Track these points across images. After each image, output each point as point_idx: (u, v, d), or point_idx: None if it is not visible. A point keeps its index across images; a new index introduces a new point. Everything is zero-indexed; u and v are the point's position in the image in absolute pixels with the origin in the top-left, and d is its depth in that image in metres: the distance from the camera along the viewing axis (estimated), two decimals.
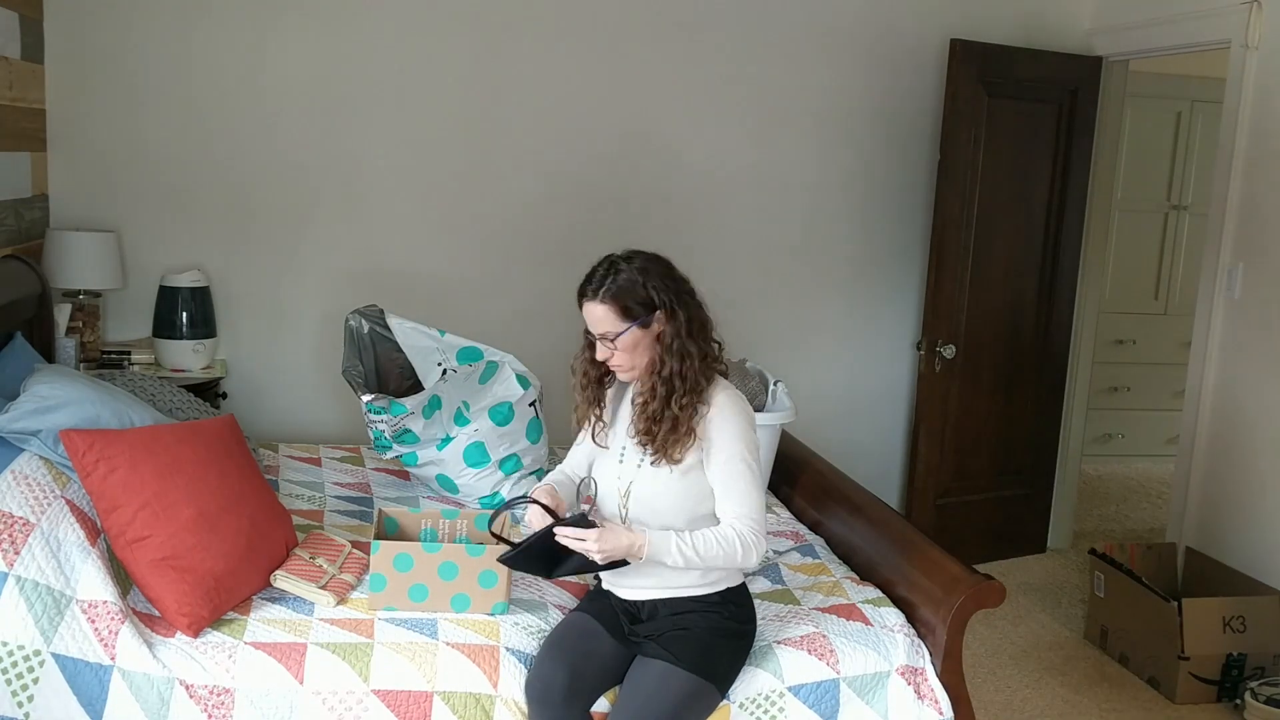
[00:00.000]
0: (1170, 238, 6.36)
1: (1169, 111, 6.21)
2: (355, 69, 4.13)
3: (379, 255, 4.25)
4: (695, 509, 2.43)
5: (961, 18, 4.61)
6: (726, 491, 2.40)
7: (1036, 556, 4.97)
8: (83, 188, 3.99)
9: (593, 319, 2.40)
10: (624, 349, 2.39)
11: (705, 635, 2.40)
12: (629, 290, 2.36)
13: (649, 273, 2.38)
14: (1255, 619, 3.68)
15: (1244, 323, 4.03)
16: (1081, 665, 3.95)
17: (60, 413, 2.58)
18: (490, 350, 3.51)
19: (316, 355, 4.21)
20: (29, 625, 2.27)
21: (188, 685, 2.29)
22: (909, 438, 4.85)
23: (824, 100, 4.59)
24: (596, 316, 2.39)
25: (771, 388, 3.52)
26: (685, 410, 2.38)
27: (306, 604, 2.54)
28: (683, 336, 2.38)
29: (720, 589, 2.46)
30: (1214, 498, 4.13)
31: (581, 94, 4.34)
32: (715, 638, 2.41)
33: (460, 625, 2.48)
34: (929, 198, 4.66)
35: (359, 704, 2.32)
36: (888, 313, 4.82)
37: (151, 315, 3.94)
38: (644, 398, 2.43)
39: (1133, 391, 6.38)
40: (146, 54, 3.97)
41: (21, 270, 3.35)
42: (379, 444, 3.38)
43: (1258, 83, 3.99)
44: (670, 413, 2.38)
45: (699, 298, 2.46)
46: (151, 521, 2.44)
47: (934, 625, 2.58)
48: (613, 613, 2.49)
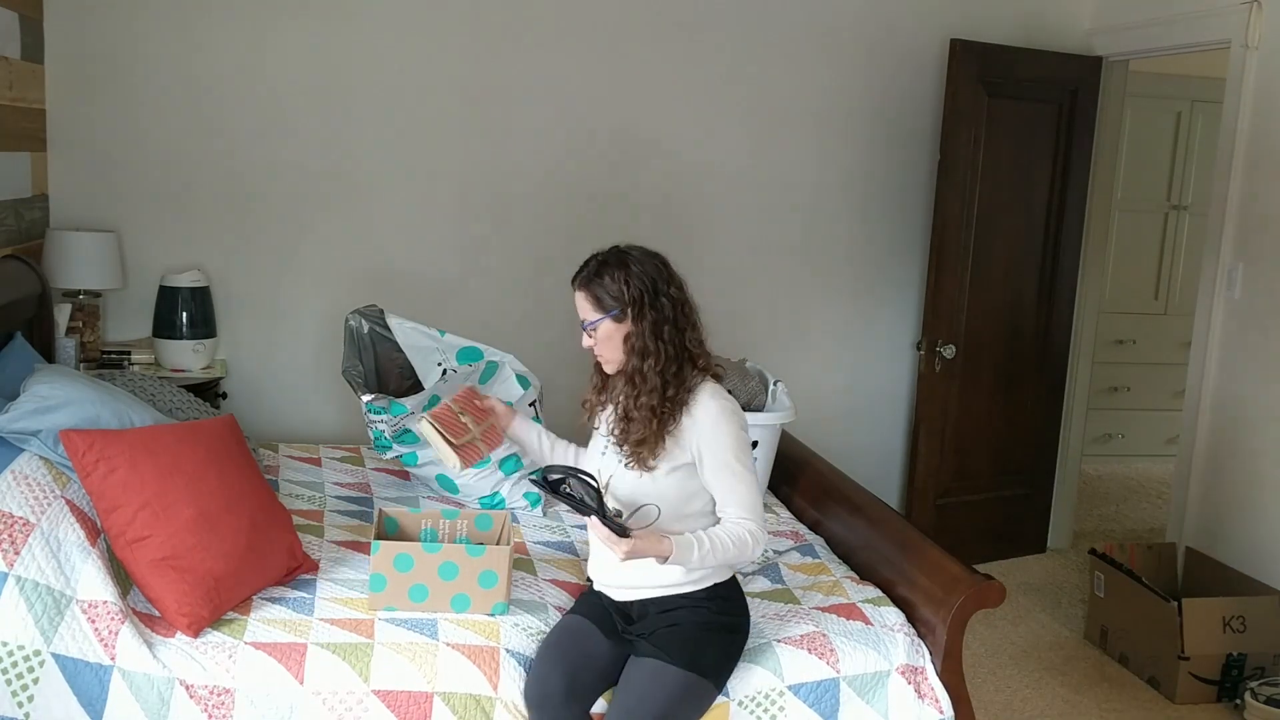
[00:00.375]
0: (1170, 238, 6.36)
1: (1169, 111, 6.21)
2: (356, 69, 4.13)
3: (379, 255, 4.25)
4: (682, 508, 2.43)
5: (961, 18, 4.61)
6: (726, 495, 2.40)
7: (1036, 556, 4.97)
8: (83, 188, 3.99)
9: (578, 305, 2.46)
10: (600, 339, 2.44)
11: (696, 631, 2.41)
12: (604, 282, 2.40)
13: (631, 268, 2.40)
14: (1255, 619, 3.68)
15: (1244, 323, 4.03)
16: (1081, 665, 3.95)
17: (60, 413, 2.58)
18: (490, 350, 3.51)
19: (316, 355, 4.21)
20: (29, 625, 2.27)
21: (188, 685, 2.29)
22: (909, 438, 4.85)
23: (824, 100, 4.59)
24: (579, 303, 2.45)
25: (771, 388, 3.52)
26: (644, 412, 2.38)
27: (307, 604, 2.54)
28: (645, 337, 2.39)
29: (708, 585, 2.46)
30: (1214, 498, 4.13)
31: (581, 94, 4.34)
32: (706, 632, 2.41)
33: (460, 626, 2.48)
34: (929, 198, 4.66)
35: (359, 704, 2.32)
36: (888, 313, 4.82)
37: (151, 315, 3.94)
38: (617, 396, 2.46)
39: (1133, 391, 6.38)
40: (147, 54, 3.97)
41: (21, 270, 3.35)
42: (379, 444, 3.38)
43: (1258, 83, 3.99)
44: (633, 413, 2.39)
45: (686, 300, 2.46)
46: (151, 521, 2.44)
47: (934, 625, 2.58)
48: (606, 614, 2.50)
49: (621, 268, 2.40)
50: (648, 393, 2.38)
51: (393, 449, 3.35)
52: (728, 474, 2.39)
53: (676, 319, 2.42)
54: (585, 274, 2.44)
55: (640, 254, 2.44)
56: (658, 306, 2.40)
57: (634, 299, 2.38)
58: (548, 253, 4.32)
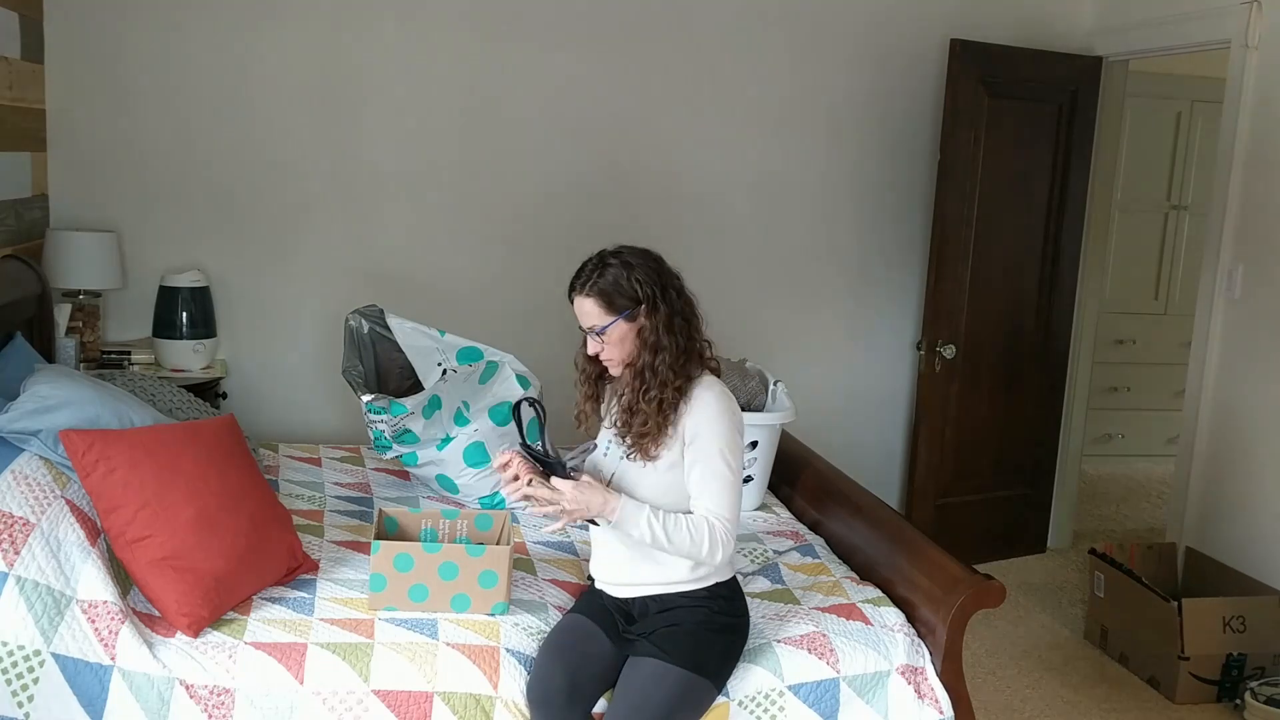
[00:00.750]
0: (1170, 238, 6.36)
1: (1169, 111, 6.21)
2: (356, 68, 4.13)
3: (379, 255, 4.25)
4: (680, 505, 2.42)
5: (961, 18, 4.61)
6: (701, 489, 2.38)
7: (1036, 556, 4.97)
8: (83, 188, 3.99)
9: (581, 313, 2.42)
10: (612, 342, 2.41)
11: (695, 630, 2.40)
12: (614, 283, 2.38)
13: (634, 266, 2.39)
14: (1255, 619, 3.68)
15: (1244, 323, 4.03)
16: (1081, 665, 3.95)
17: (60, 413, 2.58)
18: (490, 350, 3.51)
19: (316, 355, 4.21)
20: (29, 625, 2.27)
21: (188, 685, 2.29)
22: (909, 438, 4.85)
23: (824, 100, 4.59)
24: (585, 310, 2.40)
25: (771, 388, 3.52)
26: (652, 404, 2.37)
27: (307, 604, 2.54)
28: (659, 331, 2.38)
29: (709, 584, 2.46)
30: (1214, 498, 4.13)
31: (579, 94, 4.34)
32: (706, 632, 2.41)
33: (460, 625, 2.48)
34: (929, 198, 4.66)
35: (359, 704, 2.31)
36: (888, 313, 4.82)
37: (151, 315, 3.94)
38: (622, 391, 2.45)
39: (1133, 391, 6.38)
40: (147, 54, 3.97)
41: (21, 270, 3.35)
42: (379, 444, 3.37)
43: (1258, 83, 3.99)
44: (640, 406, 2.38)
45: (687, 294, 2.46)
46: (151, 521, 2.44)
47: (934, 625, 2.58)
48: (607, 612, 2.49)
49: (625, 268, 2.38)
50: (657, 386, 2.37)
51: (393, 449, 3.35)
52: (708, 468, 2.37)
53: (685, 312, 2.43)
54: (588, 279, 2.39)
55: (633, 253, 2.43)
56: (668, 300, 2.40)
57: (647, 296, 2.37)
58: (548, 252, 4.31)
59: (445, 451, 3.28)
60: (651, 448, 2.39)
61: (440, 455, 3.29)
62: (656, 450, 2.39)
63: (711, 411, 2.40)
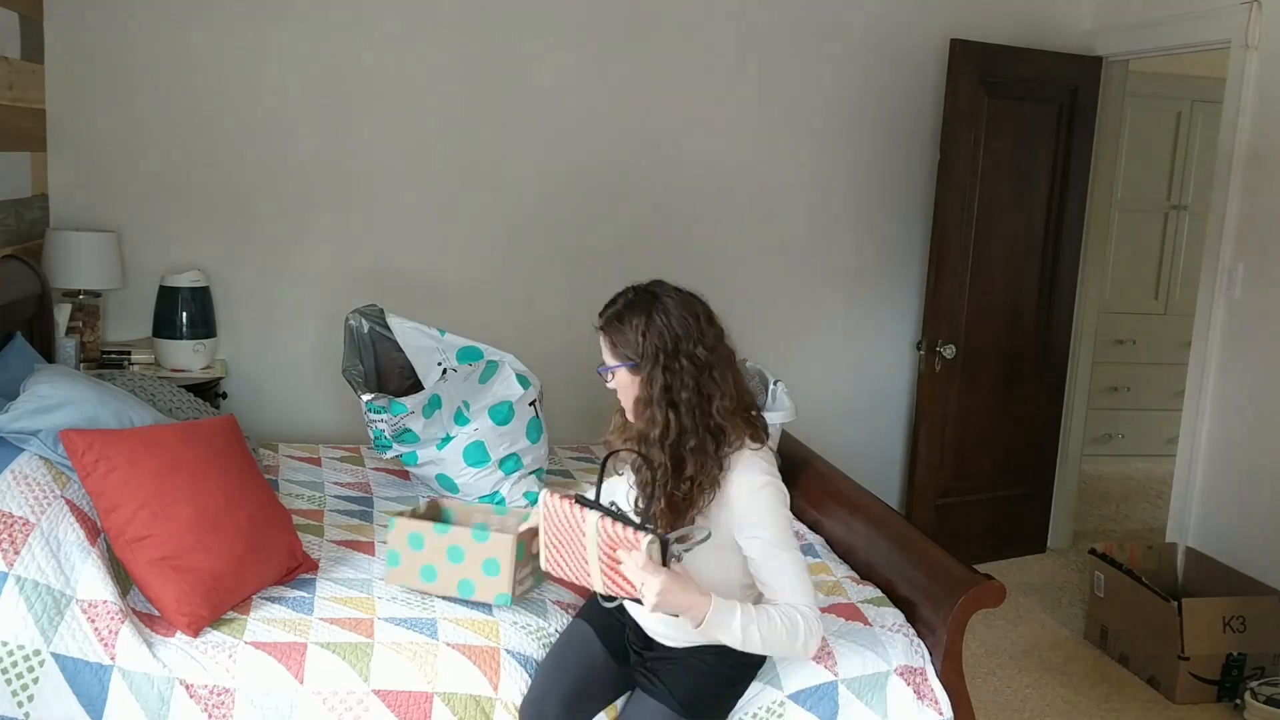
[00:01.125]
0: (1170, 238, 6.36)
1: (1169, 111, 6.21)
2: (356, 69, 4.13)
3: (379, 255, 4.25)
4: (703, 579, 2.09)
5: (961, 18, 4.61)
6: (775, 586, 2.13)
7: (1036, 556, 4.97)
8: (83, 188, 3.99)
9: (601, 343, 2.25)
10: (619, 385, 2.22)
11: (709, 679, 2.29)
12: (621, 330, 2.17)
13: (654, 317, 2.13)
14: (1255, 619, 3.67)
15: (1244, 323, 4.03)
16: (1081, 665, 3.95)
17: (60, 413, 2.58)
18: (490, 350, 3.51)
19: (316, 355, 4.21)
20: (29, 625, 2.27)
21: (188, 685, 2.29)
22: (909, 438, 4.85)
23: (824, 100, 4.59)
24: (601, 342, 2.24)
25: (771, 387, 3.52)
26: (647, 488, 2.12)
27: (307, 603, 2.54)
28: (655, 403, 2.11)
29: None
30: (1214, 498, 4.13)
31: (581, 95, 4.34)
32: (718, 682, 2.31)
33: (460, 626, 2.48)
34: (929, 198, 4.66)
35: (359, 704, 2.31)
36: (888, 312, 4.82)
37: (151, 315, 3.94)
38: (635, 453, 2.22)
39: (1133, 391, 6.38)
40: (147, 54, 3.97)
41: (21, 270, 3.35)
42: (379, 444, 3.38)
43: (1258, 83, 3.99)
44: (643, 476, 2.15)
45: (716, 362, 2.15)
46: (151, 521, 2.44)
47: (934, 625, 2.58)
48: (618, 628, 2.41)
49: (644, 314, 2.13)
50: (653, 468, 2.12)
51: (393, 449, 3.35)
52: (774, 561, 2.11)
53: (700, 384, 2.13)
54: (609, 314, 2.19)
55: (675, 300, 2.16)
56: (673, 369, 2.11)
57: (647, 354, 2.12)
58: (548, 252, 4.32)
59: (445, 451, 3.28)
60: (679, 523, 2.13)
61: (440, 454, 3.29)
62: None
63: (748, 502, 2.12)
